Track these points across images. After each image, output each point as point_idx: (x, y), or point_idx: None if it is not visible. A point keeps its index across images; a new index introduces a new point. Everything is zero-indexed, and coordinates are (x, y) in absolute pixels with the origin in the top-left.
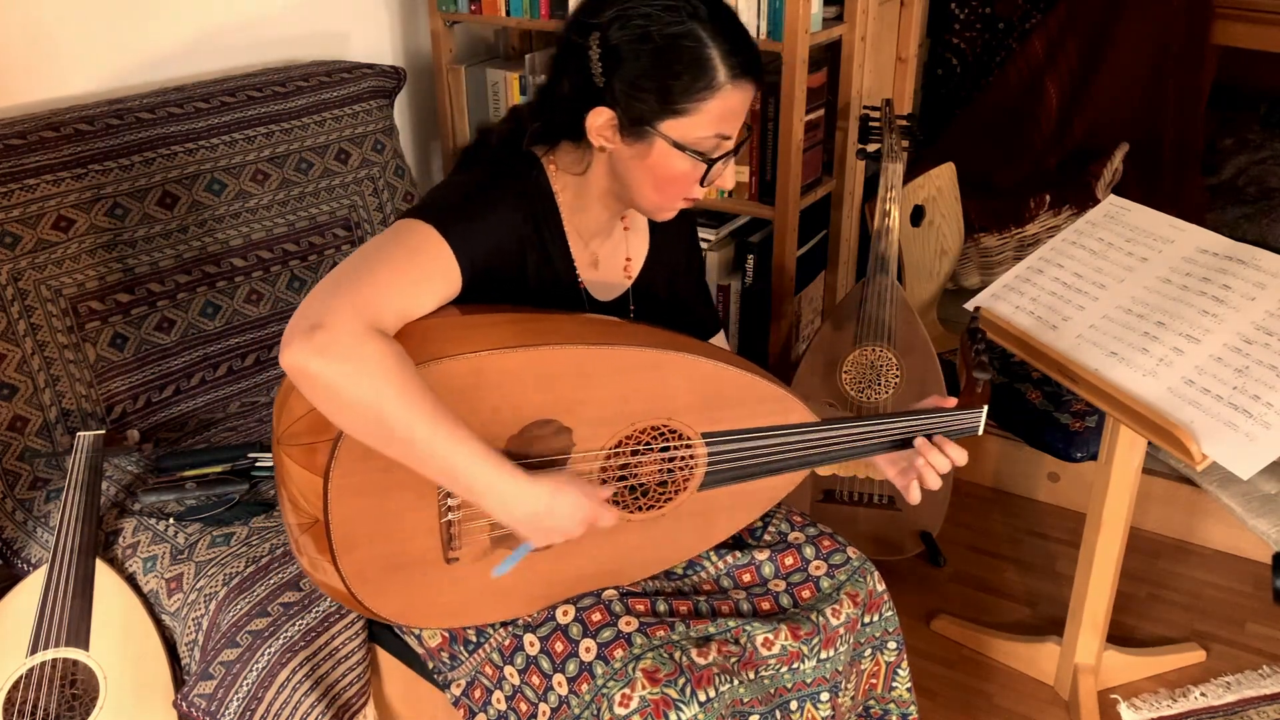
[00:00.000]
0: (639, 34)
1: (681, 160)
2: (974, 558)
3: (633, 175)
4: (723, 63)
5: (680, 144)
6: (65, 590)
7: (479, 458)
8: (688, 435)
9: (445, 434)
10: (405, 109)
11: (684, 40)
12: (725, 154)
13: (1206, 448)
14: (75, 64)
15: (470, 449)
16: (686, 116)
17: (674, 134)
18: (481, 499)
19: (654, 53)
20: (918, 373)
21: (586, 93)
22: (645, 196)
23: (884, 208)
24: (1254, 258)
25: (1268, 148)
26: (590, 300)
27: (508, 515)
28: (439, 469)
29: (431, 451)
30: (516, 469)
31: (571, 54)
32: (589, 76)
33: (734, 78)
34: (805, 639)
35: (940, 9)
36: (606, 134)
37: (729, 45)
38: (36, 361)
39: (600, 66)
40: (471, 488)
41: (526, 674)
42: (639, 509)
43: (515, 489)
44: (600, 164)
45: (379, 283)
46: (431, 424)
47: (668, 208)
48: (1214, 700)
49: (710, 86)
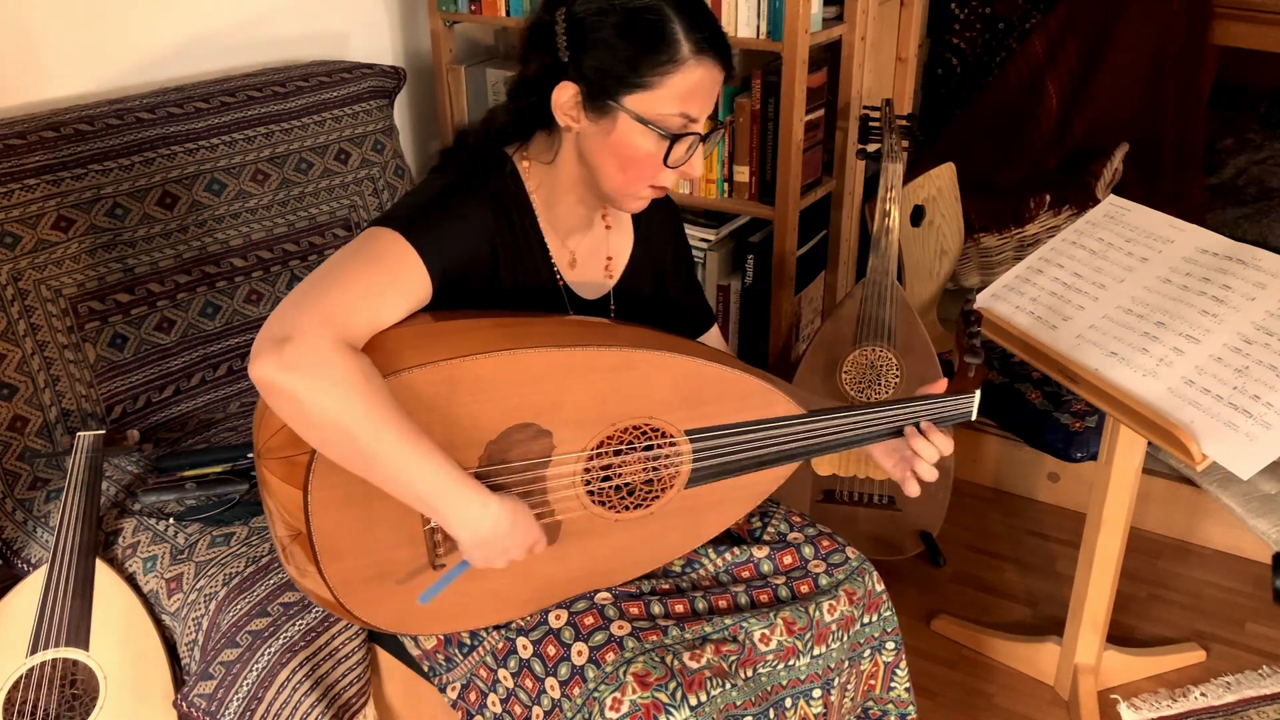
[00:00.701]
0: (603, 7)
1: (645, 138)
2: (974, 558)
3: (598, 156)
4: (686, 37)
5: (643, 118)
6: (65, 590)
7: (445, 477)
8: (671, 433)
9: (411, 452)
10: (405, 109)
11: (647, 14)
12: (691, 135)
13: (1206, 448)
14: (75, 64)
15: (436, 466)
16: (649, 90)
17: (637, 108)
18: (446, 519)
19: (617, 25)
20: (918, 373)
21: (553, 70)
22: (610, 179)
23: (884, 208)
24: (1254, 258)
25: (1268, 148)
26: (572, 299)
27: (470, 534)
28: (404, 487)
29: (397, 470)
30: (482, 489)
31: (539, 32)
32: (555, 52)
33: (697, 52)
34: (799, 634)
35: (940, 9)
36: (572, 111)
37: (692, 21)
38: (36, 361)
39: (565, 40)
40: (436, 507)
41: (520, 677)
42: (626, 509)
43: (481, 509)
44: (569, 148)
45: (347, 293)
46: (398, 440)
47: (633, 194)
48: (1214, 700)
49: (673, 60)
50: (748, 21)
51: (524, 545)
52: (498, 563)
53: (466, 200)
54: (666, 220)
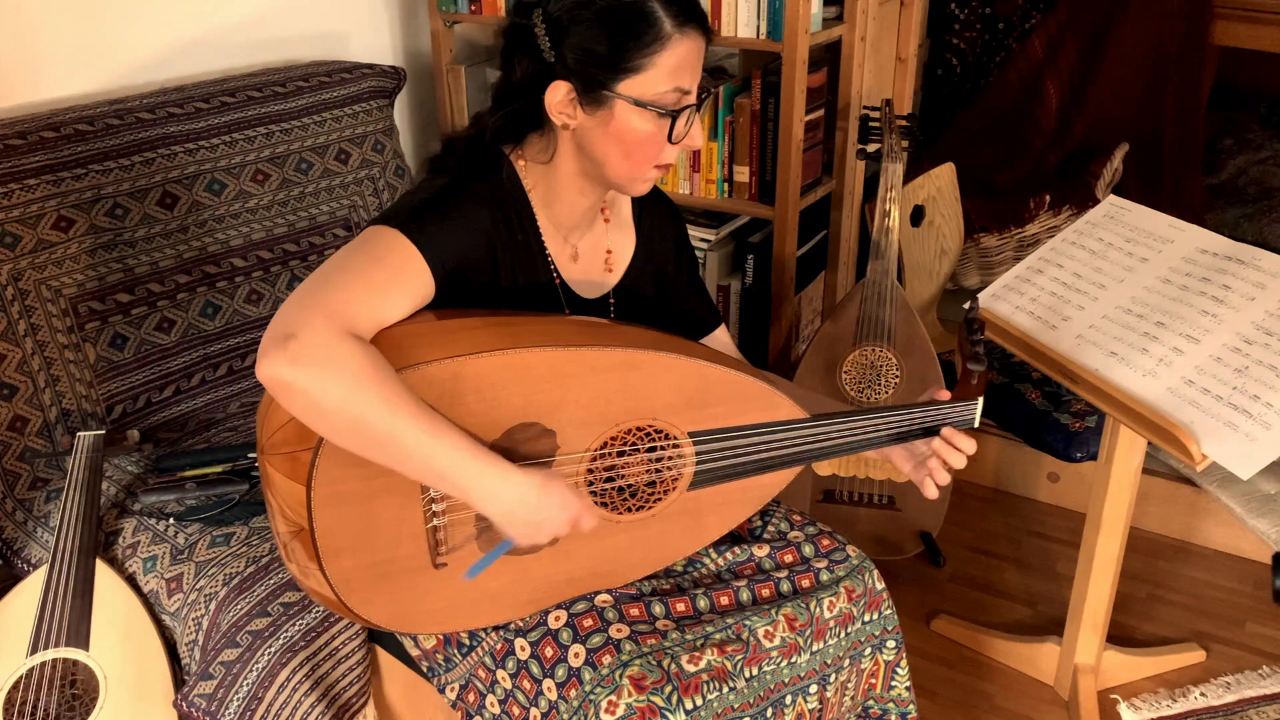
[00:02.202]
0: (578, 0)
1: (644, 119)
2: (974, 558)
3: (600, 147)
4: (665, 13)
5: (640, 101)
6: (65, 590)
7: (463, 451)
8: (674, 435)
9: (427, 430)
10: (405, 109)
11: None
12: (687, 108)
13: (1206, 448)
14: (76, 64)
15: (453, 442)
16: (641, 73)
17: (632, 93)
18: (469, 494)
19: (596, 16)
20: (918, 373)
21: (540, 72)
22: (616, 167)
23: (884, 208)
24: (1254, 258)
25: (1268, 148)
26: (571, 298)
27: (496, 508)
28: (423, 467)
29: (414, 450)
30: (502, 461)
31: (518, 37)
32: (539, 54)
33: (679, 25)
34: (800, 630)
35: (940, 9)
36: (567, 109)
37: None
38: (36, 361)
39: (548, 41)
40: (457, 483)
41: (518, 678)
42: (628, 510)
43: (503, 481)
44: (566, 145)
45: (350, 290)
46: (412, 421)
47: (640, 177)
48: (1214, 700)
49: (659, 39)
50: (748, 21)
51: (564, 518)
52: (539, 538)
53: (466, 201)
54: (668, 222)
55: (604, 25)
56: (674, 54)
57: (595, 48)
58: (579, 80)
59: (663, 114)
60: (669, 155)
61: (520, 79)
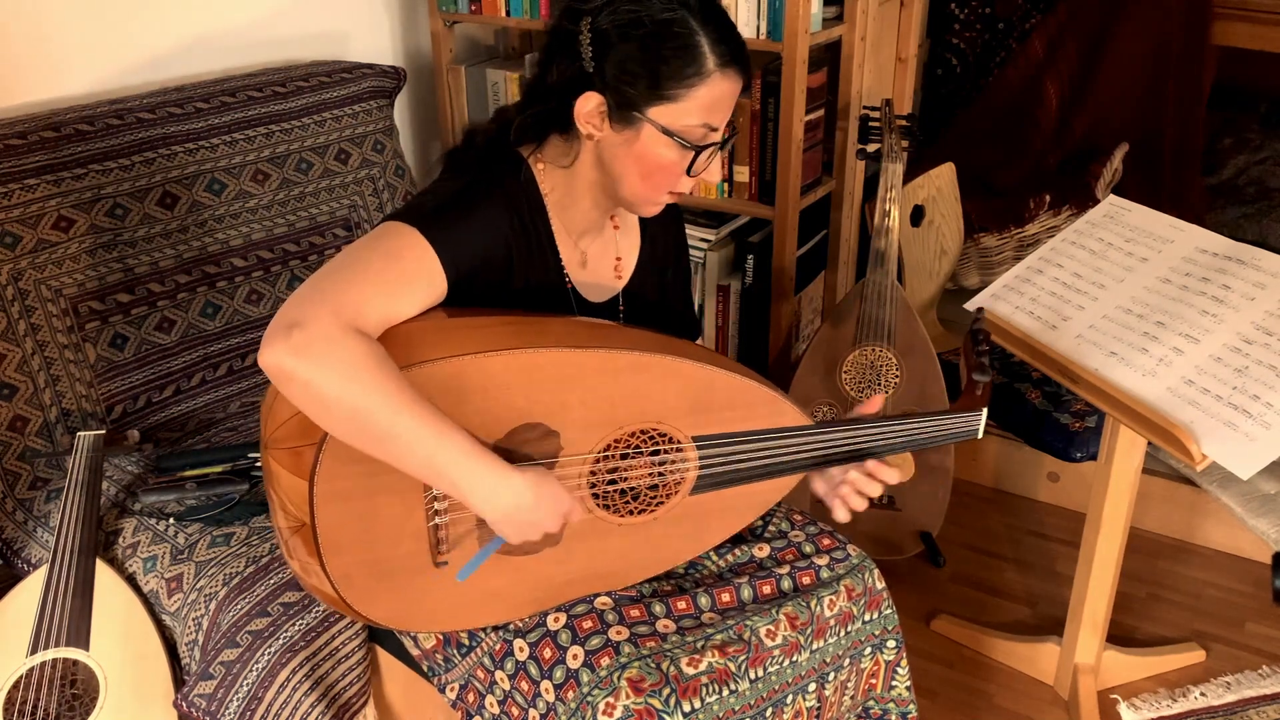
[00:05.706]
0: (630, 19)
1: (669, 148)
2: (974, 558)
3: (619, 164)
4: (712, 50)
5: (668, 130)
6: (65, 590)
7: (463, 451)
8: (678, 439)
9: (426, 427)
10: (405, 109)
11: (674, 26)
12: (712, 145)
13: (1206, 448)
14: (76, 64)
15: (453, 441)
16: (675, 103)
17: (662, 120)
18: (466, 494)
19: (645, 38)
20: (918, 373)
21: (576, 79)
22: (631, 186)
23: (884, 208)
24: (1254, 258)
25: (1268, 148)
26: (580, 301)
27: (491, 508)
28: (422, 464)
29: (413, 446)
30: (501, 462)
31: (562, 41)
32: (579, 62)
33: (722, 65)
34: (801, 629)
35: (940, 9)
36: (595, 120)
37: (718, 34)
38: (37, 361)
39: (591, 51)
40: (456, 483)
41: (516, 679)
42: (630, 513)
43: (501, 482)
44: (588, 154)
45: (361, 285)
46: (412, 418)
47: (653, 200)
48: (1214, 700)
49: (700, 73)
50: (748, 21)
51: (555, 515)
52: (531, 535)
53: (484, 202)
54: (671, 225)
55: (649, 49)
56: (711, 91)
57: (635, 68)
58: (613, 95)
59: (687, 146)
60: (685, 185)
61: (555, 82)
